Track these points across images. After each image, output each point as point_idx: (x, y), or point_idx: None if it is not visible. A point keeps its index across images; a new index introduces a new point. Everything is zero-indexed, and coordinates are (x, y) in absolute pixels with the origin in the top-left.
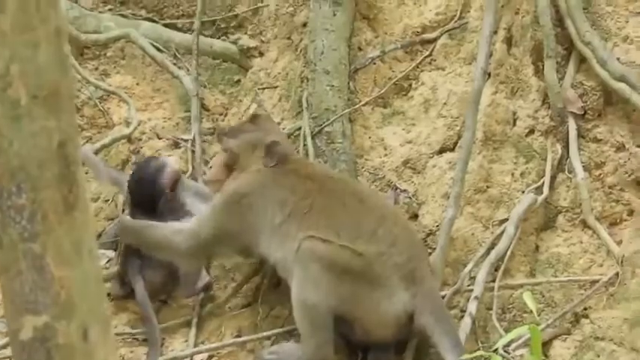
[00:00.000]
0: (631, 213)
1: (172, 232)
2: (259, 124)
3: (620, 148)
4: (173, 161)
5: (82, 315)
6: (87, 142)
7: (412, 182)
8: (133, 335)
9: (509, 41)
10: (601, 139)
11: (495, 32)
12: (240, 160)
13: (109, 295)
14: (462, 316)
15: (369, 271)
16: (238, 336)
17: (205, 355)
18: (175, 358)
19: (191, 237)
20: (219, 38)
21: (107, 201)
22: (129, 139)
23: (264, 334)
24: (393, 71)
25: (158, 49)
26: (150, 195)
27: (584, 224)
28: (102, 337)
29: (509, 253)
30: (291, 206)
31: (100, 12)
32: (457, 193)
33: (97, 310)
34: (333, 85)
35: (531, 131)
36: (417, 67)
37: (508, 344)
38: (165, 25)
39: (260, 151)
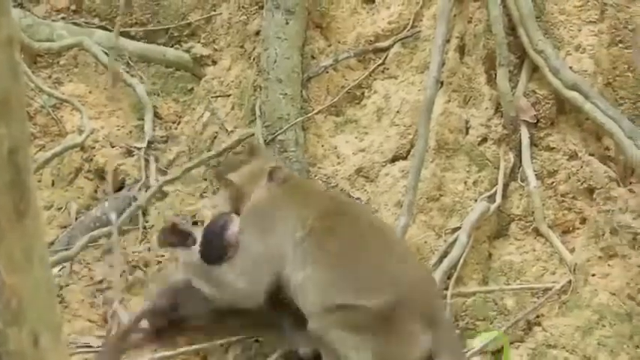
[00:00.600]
0: (583, 221)
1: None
2: (254, 154)
3: (573, 156)
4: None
5: (32, 322)
6: (39, 150)
7: (365, 190)
8: (86, 344)
9: (461, 50)
10: (553, 148)
11: (448, 41)
12: (245, 191)
13: None
14: None
15: (393, 323)
16: (192, 344)
17: None
18: None
19: (242, 270)
20: (172, 46)
21: (60, 209)
22: (82, 147)
23: (218, 342)
24: (346, 80)
25: None
26: (217, 249)
27: (537, 232)
28: (53, 344)
29: (461, 261)
30: (310, 223)
31: (52, 20)
32: (410, 201)
33: (48, 317)
34: (286, 94)
35: (484, 140)
36: (370, 76)
37: None
38: (120, 34)
39: (262, 179)
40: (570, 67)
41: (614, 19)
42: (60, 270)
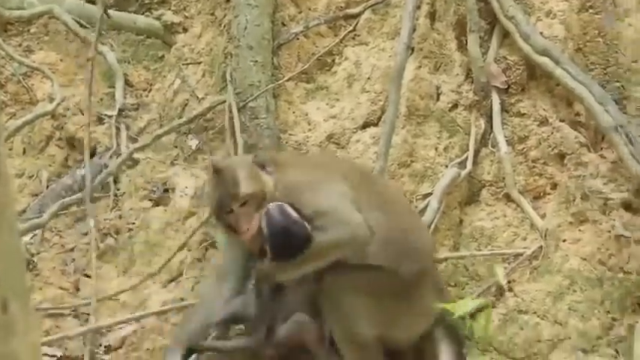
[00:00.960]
0: (554, 186)
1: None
2: (225, 170)
3: (544, 122)
4: None
5: (1, 288)
6: (10, 118)
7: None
8: (58, 308)
9: (432, 16)
10: (524, 114)
11: (419, 7)
12: (260, 195)
13: None
14: None
15: (414, 293)
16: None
17: (130, 329)
18: (98, 327)
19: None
20: (142, 14)
21: (31, 177)
22: (52, 115)
23: (186, 302)
24: (317, 46)
25: (81, 25)
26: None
27: (508, 198)
28: (22, 310)
29: (433, 227)
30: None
31: None
32: (381, 167)
33: (17, 284)
34: (256, 61)
35: (455, 106)
36: (341, 43)
37: None
38: (89, 1)
39: (259, 173)
40: (541, 33)
41: None
42: (31, 238)
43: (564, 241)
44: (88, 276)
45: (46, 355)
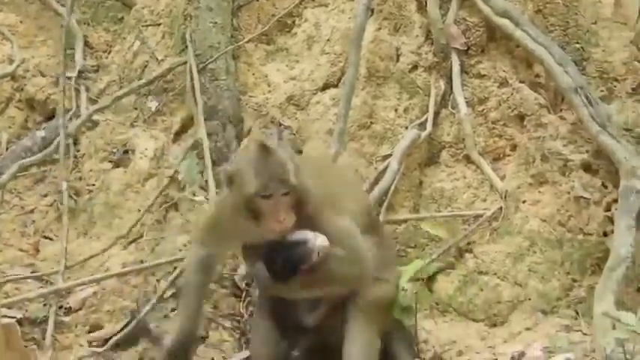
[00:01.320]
0: (514, 148)
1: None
2: (275, 152)
3: (504, 83)
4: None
5: None
6: None
7: (296, 119)
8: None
9: None
10: (484, 75)
11: None
12: (302, 192)
13: None
14: None
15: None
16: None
17: (90, 291)
18: (58, 289)
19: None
20: None
21: None
22: (12, 77)
23: (147, 264)
24: (277, 8)
25: None
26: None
27: (468, 159)
28: None
29: (392, 188)
30: None
31: None
32: (341, 129)
33: None
34: (216, 22)
35: (415, 67)
36: (300, 4)
37: None
38: None
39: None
40: None
41: None
42: None
43: (524, 202)
44: (47, 238)
45: (5, 317)
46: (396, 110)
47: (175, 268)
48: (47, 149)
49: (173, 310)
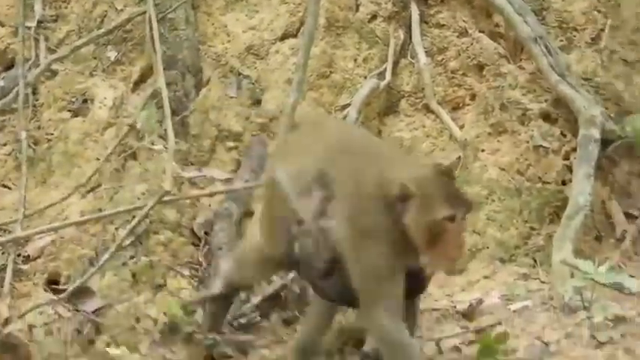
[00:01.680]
0: (473, 97)
1: None
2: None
3: (463, 33)
4: None
5: None
6: None
7: (255, 68)
8: None
9: None
10: (444, 25)
11: None
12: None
13: None
14: None
15: None
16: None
17: (48, 239)
18: (16, 238)
19: None
20: None
21: None
22: None
23: (105, 213)
24: None
25: None
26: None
27: (427, 109)
28: None
29: None
30: None
31: None
32: (300, 78)
33: None
34: None
35: (374, 17)
36: None
37: None
38: None
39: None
40: None
41: None
42: None
43: (483, 151)
44: (6, 187)
45: None
46: (355, 60)
47: (134, 217)
48: (6, 98)
49: (132, 257)
